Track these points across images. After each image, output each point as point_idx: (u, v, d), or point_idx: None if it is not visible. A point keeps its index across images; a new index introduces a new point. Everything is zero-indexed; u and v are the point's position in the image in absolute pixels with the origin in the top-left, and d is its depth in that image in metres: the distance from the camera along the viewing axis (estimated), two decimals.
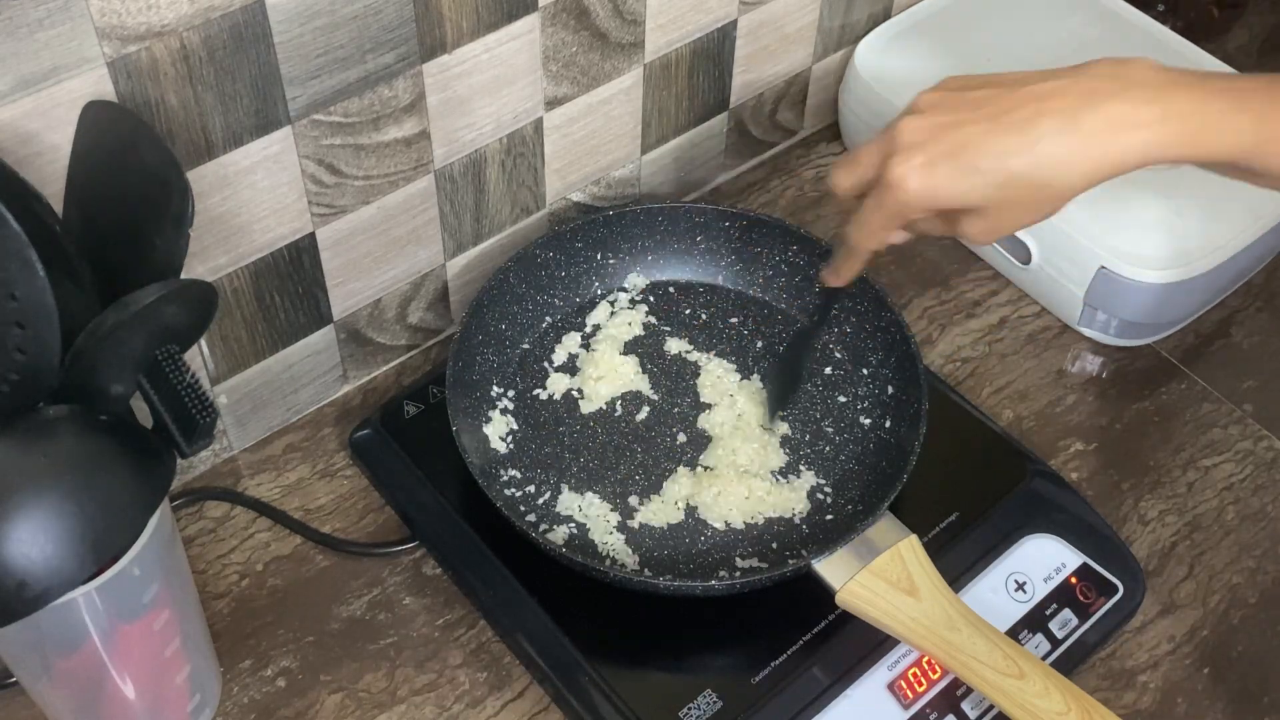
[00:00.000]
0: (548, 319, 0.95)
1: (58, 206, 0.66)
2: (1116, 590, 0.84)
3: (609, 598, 0.80)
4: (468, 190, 0.91)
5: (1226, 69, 1.06)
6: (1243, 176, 0.68)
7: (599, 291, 0.97)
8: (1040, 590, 0.83)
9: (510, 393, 0.91)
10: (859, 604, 0.77)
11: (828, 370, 0.93)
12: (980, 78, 0.69)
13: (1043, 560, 0.84)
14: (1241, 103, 0.65)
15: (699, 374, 0.93)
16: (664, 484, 0.86)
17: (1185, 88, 0.65)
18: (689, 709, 0.77)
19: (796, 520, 0.85)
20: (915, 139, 0.67)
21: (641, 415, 0.90)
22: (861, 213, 0.71)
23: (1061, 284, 0.98)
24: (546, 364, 0.93)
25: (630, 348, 0.94)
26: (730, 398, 0.91)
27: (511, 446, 0.88)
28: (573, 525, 0.84)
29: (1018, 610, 0.82)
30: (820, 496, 0.87)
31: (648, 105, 0.98)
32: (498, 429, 0.89)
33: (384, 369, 0.97)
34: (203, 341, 0.84)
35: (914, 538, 0.79)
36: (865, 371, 0.92)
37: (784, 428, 0.89)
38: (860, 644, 0.79)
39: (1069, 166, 0.65)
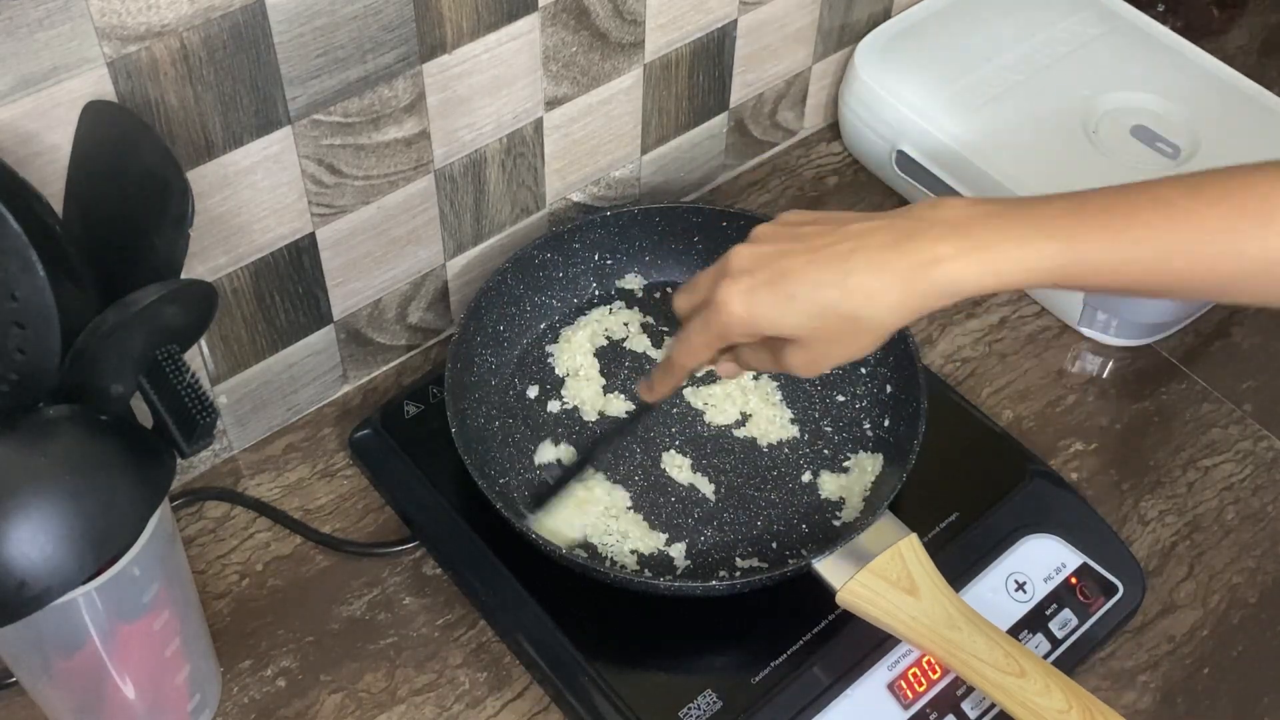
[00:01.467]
0: (546, 320, 0.95)
1: (58, 206, 0.66)
2: (1116, 590, 0.84)
3: (609, 598, 0.80)
4: (468, 190, 0.91)
5: (1227, 69, 1.06)
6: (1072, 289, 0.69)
7: (597, 292, 0.97)
8: (1040, 590, 0.83)
9: (510, 393, 0.91)
10: (859, 603, 0.77)
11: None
12: (813, 215, 0.72)
13: (1043, 560, 0.84)
14: (1047, 228, 0.66)
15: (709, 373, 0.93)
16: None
17: (988, 219, 0.66)
18: (689, 709, 0.77)
19: (796, 519, 0.85)
20: (743, 265, 0.69)
21: (642, 415, 0.90)
22: (687, 330, 0.73)
23: None
24: (545, 364, 0.93)
25: (628, 348, 0.94)
26: (742, 395, 0.91)
27: (511, 448, 0.88)
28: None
29: (1018, 610, 0.82)
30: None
31: (648, 105, 0.98)
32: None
33: (384, 369, 0.97)
34: (203, 341, 0.84)
35: (914, 537, 0.79)
36: (864, 371, 0.92)
37: (793, 430, 0.90)
38: (860, 644, 0.79)
39: (877, 300, 0.66)
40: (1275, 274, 0.65)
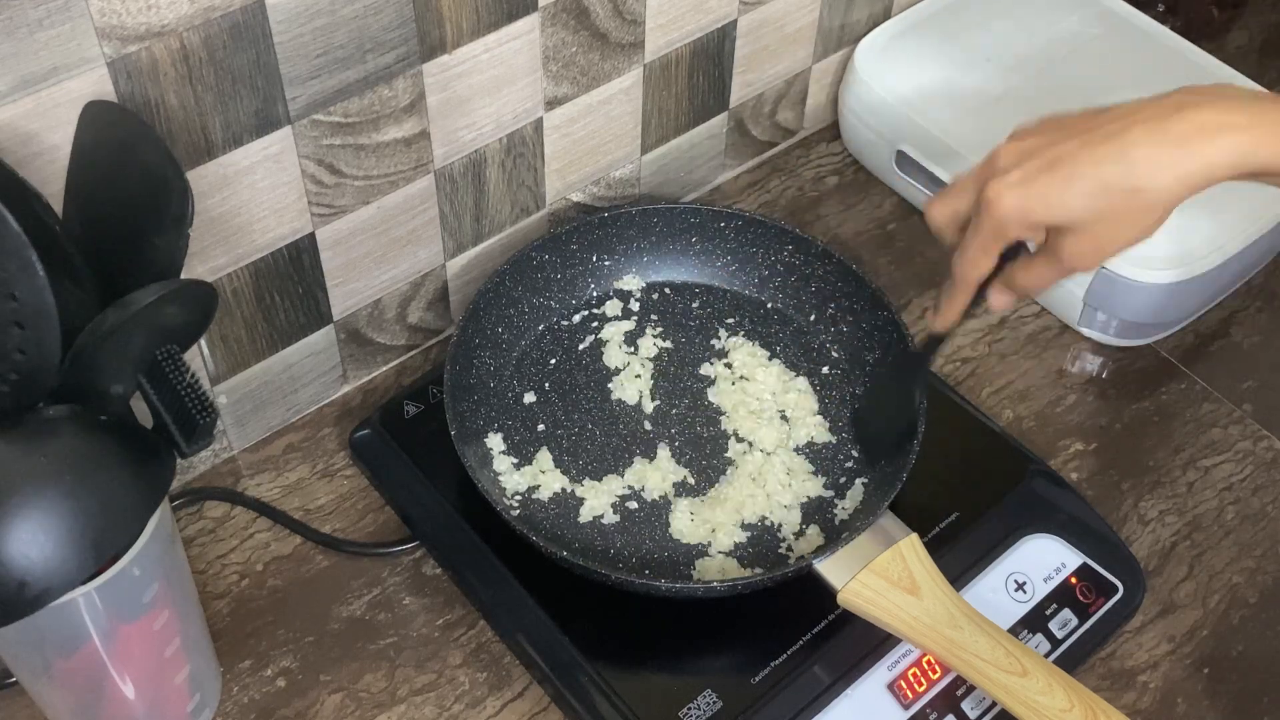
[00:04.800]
0: (544, 321, 0.95)
1: (58, 206, 0.66)
2: (1116, 590, 0.84)
3: (609, 598, 0.80)
4: (468, 190, 0.91)
5: (1227, 69, 1.06)
6: None
7: (595, 293, 0.97)
8: (1040, 590, 0.83)
9: (509, 395, 0.91)
10: (860, 603, 0.77)
11: (825, 370, 0.93)
12: (1074, 111, 0.70)
13: (1043, 560, 0.84)
14: None
15: (713, 376, 0.93)
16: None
17: (1272, 100, 0.66)
18: (689, 709, 0.77)
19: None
20: (1011, 161, 0.68)
21: (643, 417, 0.90)
22: (963, 241, 0.71)
23: (1061, 284, 0.97)
24: (545, 366, 0.93)
25: (630, 348, 0.94)
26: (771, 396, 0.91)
27: (510, 450, 0.88)
28: None
29: (1018, 610, 0.82)
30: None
31: (648, 105, 0.98)
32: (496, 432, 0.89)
33: (384, 369, 0.97)
34: (203, 341, 0.84)
35: (914, 536, 0.79)
36: (863, 371, 0.92)
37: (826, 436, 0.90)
38: (860, 644, 0.79)
39: (1161, 170, 0.65)
40: None
